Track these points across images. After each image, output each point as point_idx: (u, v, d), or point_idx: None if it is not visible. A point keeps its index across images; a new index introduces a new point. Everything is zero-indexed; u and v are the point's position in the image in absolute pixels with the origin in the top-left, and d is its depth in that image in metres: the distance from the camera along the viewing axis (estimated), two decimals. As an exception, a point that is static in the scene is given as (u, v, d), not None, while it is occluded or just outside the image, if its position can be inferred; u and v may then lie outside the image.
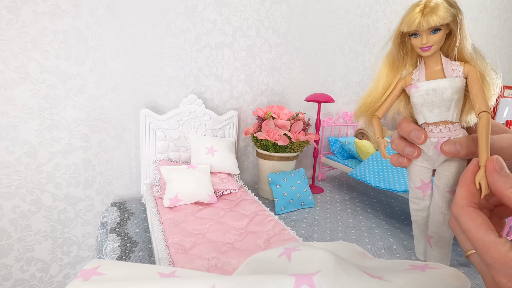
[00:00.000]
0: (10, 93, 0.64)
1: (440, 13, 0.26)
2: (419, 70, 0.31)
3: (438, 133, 0.30)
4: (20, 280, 0.75)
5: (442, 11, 0.26)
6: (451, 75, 0.28)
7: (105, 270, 0.31)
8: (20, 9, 0.62)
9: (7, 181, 0.68)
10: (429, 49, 0.28)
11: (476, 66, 0.27)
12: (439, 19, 0.26)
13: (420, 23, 0.27)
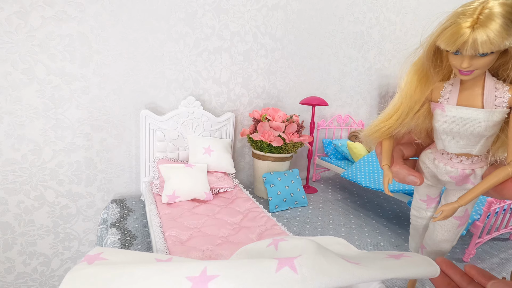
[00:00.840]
0: (18, 93, 0.68)
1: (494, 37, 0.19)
2: (451, 86, 0.25)
3: (458, 164, 0.27)
4: (23, 274, 0.78)
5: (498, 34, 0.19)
6: (491, 104, 0.23)
7: (107, 255, 0.34)
8: (28, 15, 0.65)
9: (13, 177, 0.71)
10: (470, 74, 0.23)
11: None
12: (492, 46, 0.20)
13: (466, 45, 0.20)
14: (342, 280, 0.23)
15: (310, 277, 0.23)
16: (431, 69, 0.25)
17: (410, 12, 1.29)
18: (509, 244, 0.75)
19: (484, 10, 0.20)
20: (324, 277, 0.23)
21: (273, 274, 0.23)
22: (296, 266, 0.24)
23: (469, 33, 0.20)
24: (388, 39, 1.26)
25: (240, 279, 0.24)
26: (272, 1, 0.95)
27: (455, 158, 0.26)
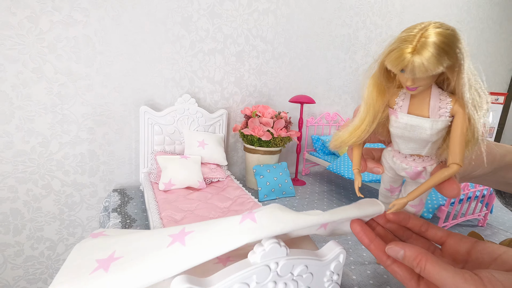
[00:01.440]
0: (28, 90, 0.74)
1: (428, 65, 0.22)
2: (404, 95, 0.28)
3: (411, 162, 0.30)
4: (31, 257, 0.85)
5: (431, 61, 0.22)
6: (436, 114, 0.26)
7: (109, 233, 0.42)
8: (38, 19, 0.72)
9: (22, 167, 0.78)
10: (415, 90, 0.25)
11: (465, 111, 0.25)
12: (427, 71, 0.22)
13: (407, 68, 0.23)
14: (295, 224, 0.30)
15: (267, 225, 0.29)
16: (386, 82, 0.28)
17: (396, 16, 1.36)
18: (476, 230, 0.81)
19: (421, 38, 0.22)
20: (279, 223, 0.29)
21: (237, 226, 0.30)
22: (256, 217, 0.30)
23: (409, 58, 0.22)
24: (374, 42, 1.33)
25: (211, 231, 0.30)
26: (263, 6, 1.02)
27: (409, 157, 0.30)
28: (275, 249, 0.30)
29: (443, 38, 0.22)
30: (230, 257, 0.38)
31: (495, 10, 1.82)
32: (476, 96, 0.25)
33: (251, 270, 0.29)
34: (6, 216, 0.79)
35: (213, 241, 0.29)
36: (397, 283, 0.52)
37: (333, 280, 0.37)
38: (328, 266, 0.36)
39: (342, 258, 0.36)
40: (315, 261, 0.34)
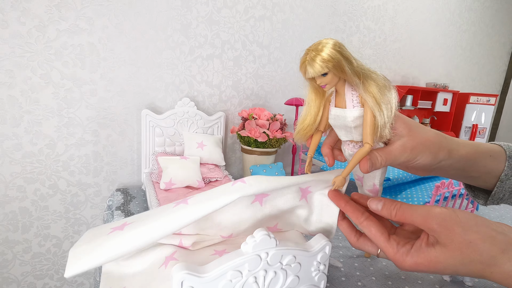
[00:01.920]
0: (36, 95, 0.79)
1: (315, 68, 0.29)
2: (333, 94, 0.35)
3: (351, 147, 0.36)
4: (38, 254, 0.89)
5: (317, 65, 0.29)
6: (350, 105, 0.32)
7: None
8: (46, 28, 0.76)
9: (30, 168, 0.82)
10: (325, 87, 0.32)
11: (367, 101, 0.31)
12: (315, 72, 0.30)
13: (306, 73, 0.31)
14: (278, 183, 0.35)
15: (254, 184, 0.34)
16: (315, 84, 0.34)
17: (388, 21, 1.41)
18: (462, 226, 0.86)
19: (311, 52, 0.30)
20: (264, 182, 0.35)
21: (230, 187, 0.35)
22: (245, 180, 0.35)
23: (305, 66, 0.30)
24: (368, 45, 1.38)
25: (208, 193, 0.36)
26: (259, 13, 1.06)
27: (349, 143, 0.36)
28: (266, 240, 0.34)
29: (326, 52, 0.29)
30: (226, 249, 0.42)
31: (487, 14, 1.86)
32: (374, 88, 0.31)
33: (244, 259, 0.33)
34: (15, 214, 0.83)
35: (211, 198, 0.34)
36: (382, 274, 0.56)
37: (320, 270, 0.41)
38: (315, 256, 0.40)
39: (328, 249, 0.41)
40: (302, 252, 0.38)
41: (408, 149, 0.34)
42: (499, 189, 0.40)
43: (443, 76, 1.77)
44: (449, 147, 0.36)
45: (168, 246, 0.41)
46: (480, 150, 0.39)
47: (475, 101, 1.71)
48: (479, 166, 0.39)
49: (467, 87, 1.94)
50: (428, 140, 0.35)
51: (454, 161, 0.37)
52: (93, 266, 0.31)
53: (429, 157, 0.35)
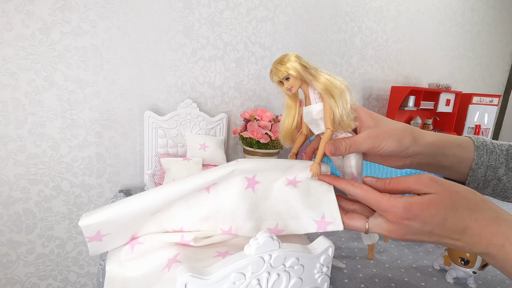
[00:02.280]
0: (40, 97, 0.79)
1: (279, 73, 0.37)
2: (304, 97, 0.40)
3: None
4: (42, 254, 0.89)
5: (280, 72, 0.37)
6: (314, 102, 0.38)
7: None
8: (50, 30, 0.77)
9: (34, 169, 0.83)
10: (291, 90, 0.38)
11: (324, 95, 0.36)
12: (276, 78, 0.38)
13: (273, 79, 0.39)
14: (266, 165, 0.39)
15: (245, 161, 0.39)
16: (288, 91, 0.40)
17: (391, 21, 1.40)
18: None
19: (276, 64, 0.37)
20: (254, 161, 0.39)
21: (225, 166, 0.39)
22: (239, 161, 0.39)
23: (271, 75, 0.38)
24: (370, 46, 1.38)
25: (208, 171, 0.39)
26: (261, 14, 1.06)
27: (321, 135, 0.40)
28: (269, 242, 0.34)
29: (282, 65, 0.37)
30: (229, 251, 0.42)
31: (490, 13, 1.86)
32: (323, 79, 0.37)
33: (247, 261, 0.33)
34: (19, 215, 0.83)
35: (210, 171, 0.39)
36: (385, 276, 0.56)
37: (323, 272, 0.41)
38: (318, 259, 0.40)
39: (331, 251, 0.41)
40: (305, 254, 0.38)
41: (372, 137, 0.38)
42: (472, 178, 0.42)
43: (446, 77, 1.77)
44: (414, 135, 0.39)
45: (171, 248, 0.41)
46: (448, 139, 0.41)
47: (478, 102, 1.71)
48: (448, 155, 0.41)
49: (469, 88, 1.94)
50: (392, 129, 0.39)
51: (421, 148, 0.39)
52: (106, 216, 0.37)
53: (394, 143, 0.38)
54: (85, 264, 0.97)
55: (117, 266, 0.42)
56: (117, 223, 0.39)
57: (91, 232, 0.38)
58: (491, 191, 0.43)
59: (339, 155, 0.38)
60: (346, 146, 0.38)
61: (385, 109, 1.55)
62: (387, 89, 1.52)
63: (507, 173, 0.41)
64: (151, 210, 0.40)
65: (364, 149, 0.39)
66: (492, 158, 0.41)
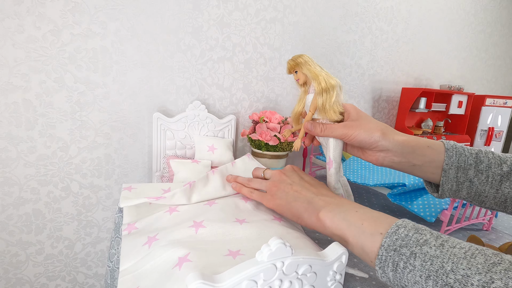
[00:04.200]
0: (50, 99, 0.80)
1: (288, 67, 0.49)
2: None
3: None
4: (51, 255, 0.90)
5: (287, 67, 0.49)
6: (311, 92, 0.48)
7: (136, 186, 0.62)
8: (60, 32, 0.77)
9: (44, 170, 0.83)
10: (298, 81, 0.50)
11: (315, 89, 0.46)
12: (287, 71, 0.50)
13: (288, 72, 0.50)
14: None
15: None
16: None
17: (401, 22, 1.38)
18: (480, 233, 0.83)
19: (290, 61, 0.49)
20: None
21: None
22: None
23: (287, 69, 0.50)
24: (380, 47, 1.35)
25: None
26: (270, 15, 1.05)
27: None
28: (281, 249, 0.33)
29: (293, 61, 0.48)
30: (240, 250, 0.42)
31: (503, 14, 1.81)
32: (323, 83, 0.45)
33: (259, 268, 0.32)
34: (29, 216, 0.84)
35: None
36: (399, 284, 0.54)
37: (336, 279, 0.40)
38: (331, 266, 0.39)
39: (344, 259, 0.39)
40: (318, 261, 0.37)
41: (347, 126, 0.45)
42: (445, 179, 0.44)
43: (458, 78, 1.73)
44: (384, 131, 0.45)
45: (182, 247, 0.41)
46: (418, 141, 0.45)
47: (491, 104, 1.66)
48: (417, 155, 0.45)
49: (482, 89, 1.89)
50: (367, 123, 0.45)
51: (389, 144, 0.44)
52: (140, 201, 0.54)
53: (363, 134, 0.44)
54: (93, 265, 0.97)
55: (132, 264, 0.42)
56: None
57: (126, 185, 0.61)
58: (466, 194, 0.45)
59: (315, 134, 0.48)
60: (322, 128, 0.47)
61: (395, 111, 1.52)
62: (398, 91, 1.49)
63: (477, 175, 0.43)
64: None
65: (338, 134, 0.46)
66: (461, 159, 0.43)
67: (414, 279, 0.29)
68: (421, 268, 0.29)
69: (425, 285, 0.28)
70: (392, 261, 0.32)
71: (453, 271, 0.26)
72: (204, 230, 0.47)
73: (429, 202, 0.73)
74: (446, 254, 0.28)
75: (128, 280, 0.39)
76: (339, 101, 0.47)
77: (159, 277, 0.38)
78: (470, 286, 0.25)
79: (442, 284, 0.27)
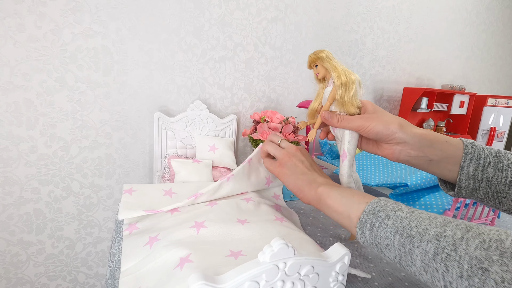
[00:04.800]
0: (51, 98, 0.79)
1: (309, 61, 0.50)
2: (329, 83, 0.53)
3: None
4: (51, 255, 0.89)
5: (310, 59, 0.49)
6: (330, 84, 0.49)
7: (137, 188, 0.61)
8: (61, 32, 0.77)
9: (45, 170, 0.83)
10: (317, 75, 0.50)
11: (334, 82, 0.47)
12: (308, 65, 0.51)
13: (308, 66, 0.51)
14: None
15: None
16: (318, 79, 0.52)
17: (403, 21, 1.37)
18: (483, 234, 0.82)
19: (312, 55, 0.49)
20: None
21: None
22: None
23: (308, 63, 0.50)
24: (382, 47, 1.35)
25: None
26: (271, 14, 1.05)
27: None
28: (284, 249, 0.32)
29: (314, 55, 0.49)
30: (242, 250, 0.41)
31: (505, 13, 1.81)
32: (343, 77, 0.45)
33: (261, 269, 0.31)
34: (30, 216, 0.84)
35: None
36: (401, 285, 0.54)
37: (338, 280, 0.40)
38: (334, 267, 0.38)
39: (347, 259, 0.39)
40: (321, 262, 0.36)
41: (364, 118, 0.45)
42: (462, 176, 0.43)
43: (459, 78, 1.72)
44: (401, 123, 0.44)
45: (183, 247, 0.41)
46: (436, 135, 0.45)
47: (493, 104, 1.66)
48: (435, 149, 0.44)
49: (484, 89, 1.88)
50: (384, 115, 0.45)
51: (407, 136, 0.43)
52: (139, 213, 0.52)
53: (380, 126, 0.44)
54: (94, 265, 0.96)
55: (133, 264, 0.42)
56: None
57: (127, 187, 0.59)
58: (483, 194, 0.44)
59: (332, 124, 0.48)
60: (339, 119, 0.47)
61: (397, 110, 1.52)
62: (399, 91, 1.49)
63: (496, 174, 0.42)
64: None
65: (355, 126, 0.46)
66: (480, 157, 0.42)
67: (385, 235, 0.35)
68: (392, 226, 0.34)
69: (393, 239, 0.34)
70: (370, 222, 0.37)
71: (416, 226, 0.32)
72: (205, 231, 0.46)
73: (431, 203, 0.73)
74: (414, 216, 0.34)
75: (130, 281, 0.39)
76: (357, 96, 0.47)
77: (160, 278, 0.38)
78: (427, 236, 0.31)
79: (406, 236, 0.32)
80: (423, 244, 0.31)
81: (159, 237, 0.46)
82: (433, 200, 0.73)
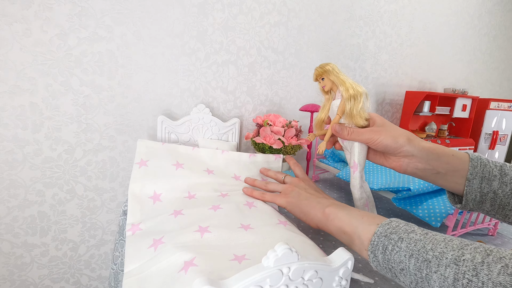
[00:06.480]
0: (56, 102, 0.80)
1: (315, 74, 0.51)
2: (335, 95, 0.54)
3: None
4: (55, 257, 0.90)
5: (317, 72, 0.51)
6: (338, 97, 0.51)
7: None
8: (67, 36, 0.78)
9: (50, 173, 0.84)
10: (324, 88, 0.52)
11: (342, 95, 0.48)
12: (314, 78, 0.52)
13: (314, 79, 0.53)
14: None
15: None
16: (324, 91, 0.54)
17: (405, 25, 1.38)
18: (486, 239, 0.82)
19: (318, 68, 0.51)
20: None
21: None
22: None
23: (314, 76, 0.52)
24: (384, 50, 1.35)
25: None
26: (274, 19, 1.06)
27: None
28: (287, 254, 0.33)
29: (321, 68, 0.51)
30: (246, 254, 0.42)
31: (508, 17, 1.81)
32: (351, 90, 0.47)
33: (265, 274, 0.32)
34: (34, 218, 0.84)
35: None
36: (404, 290, 0.54)
37: (341, 285, 0.40)
38: (337, 271, 0.38)
39: (350, 264, 0.39)
40: (324, 267, 0.37)
41: (373, 131, 0.47)
42: (469, 189, 0.44)
43: (462, 81, 1.72)
44: (409, 137, 0.45)
45: (188, 251, 0.41)
46: (443, 149, 0.46)
47: (496, 107, 1.65)
48: (442, 162, 0.45)
49: (486, 93, 1.88)
50: (392, 129, 0.47)
51: (415, 149, 0.45)
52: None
53: (389, 139, 0.45)
54: (97, 268, 0.97)
55: (137, 266, 0.42)
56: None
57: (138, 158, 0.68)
58: (490, 206, 0.44)
59: (342, 136, 0.49)
60: (349, 131, 0.48)
61: (399, 114, 1.52)
62: (401, 94, 1.49)
63: (502, 187, 0.42)
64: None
65: (364, 139, 0.47)
66: (486, 170, 0.43)
67: (399, 258, 0.33)
68: (406, 249, 0.33)
69: (408, 263, 0.32)
70: (383, 245, 0.36)
71: (432, 250, 0.31)
72: (209, 235, 0.47)
73: (434, 207, 0.73)
74: (428, 238, 0.33)
75: (133, 283, 0.40)
76: (364, 108, 0.49)
77: (164, 281, 0.38)
78: (445, 260, 0.29)
79: (422, 260, 0.31)
80: (441, 269, 0.29)
81: (164, 240, 0.46)
82: (436, 204, 0.73)
